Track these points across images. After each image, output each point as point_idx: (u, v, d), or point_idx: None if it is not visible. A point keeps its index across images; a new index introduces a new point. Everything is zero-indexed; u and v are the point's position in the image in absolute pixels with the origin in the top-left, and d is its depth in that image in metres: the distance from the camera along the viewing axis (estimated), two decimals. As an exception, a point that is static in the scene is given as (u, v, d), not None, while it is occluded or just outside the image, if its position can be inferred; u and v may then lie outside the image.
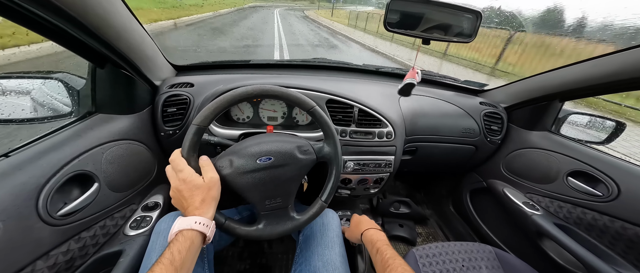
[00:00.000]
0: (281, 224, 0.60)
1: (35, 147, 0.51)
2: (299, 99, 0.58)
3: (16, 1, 0.34)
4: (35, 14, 0.38)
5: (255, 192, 0.56)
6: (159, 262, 0.38)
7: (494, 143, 1.14)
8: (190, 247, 0.43)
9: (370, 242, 0.63)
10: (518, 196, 1.04)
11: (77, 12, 0.40)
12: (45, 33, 0.42)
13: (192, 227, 0.44)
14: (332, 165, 0.64)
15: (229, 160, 0.55)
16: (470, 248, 0.89)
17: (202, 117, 0.51)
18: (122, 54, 0.57)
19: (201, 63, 0.96)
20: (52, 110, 0.63)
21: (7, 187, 0.43)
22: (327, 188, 0.64)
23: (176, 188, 0.49)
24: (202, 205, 0.48)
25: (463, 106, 1.11)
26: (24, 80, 0.60)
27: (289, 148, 0.58)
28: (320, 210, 0.63)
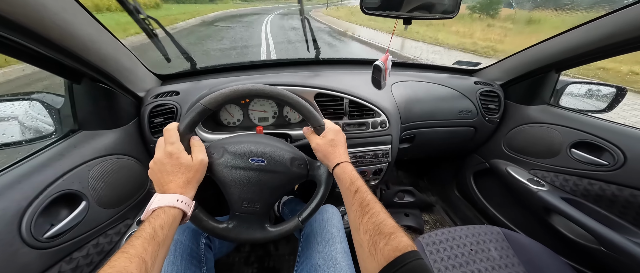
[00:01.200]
0: (250, 231, 0.57)
1: (14, 171, 0.49)
2: (310, 112, 0.57)
3: None
4: None
5: (236, 190, 0.54)
6: (139, 237, 0.36)
7: (492, 122, 1.11)
8: (173, 223, 0.41)
9: (349, 178, 0.50)
10: (522, 173, 1.01)
11: (34, 24, 0.38)
12: (6, 52, 0.40)
13: (174, 204, 0.43)
14: (319, 188, 0.61)
15: (222, 150, 0.54)
16: (478, 231, 0.87)
17: (211, 99, 0.50)
18: (96, 67, 0.55)
19: (186, 70, 0.94)
20: (34, 132, 0.61)
21: None
22: (307, 208, 0.60)
23: (160, 160, 0.46)
24: (185, 186, 0.46)
25: (458, 87, 1.08)
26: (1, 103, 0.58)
27: (283, 157, 0.57)
28: (294, 227, 0.59)
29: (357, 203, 0.45)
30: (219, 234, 0.55)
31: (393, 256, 0.35)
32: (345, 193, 0.49)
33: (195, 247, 0.63)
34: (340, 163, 0.54)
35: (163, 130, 0.49)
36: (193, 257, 0.60)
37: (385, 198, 1.46)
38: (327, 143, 0.57)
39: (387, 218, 0.40)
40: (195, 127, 0.52)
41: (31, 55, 0.43)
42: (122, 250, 0.33)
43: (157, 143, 0.49)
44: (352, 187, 0.48)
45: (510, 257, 0.80)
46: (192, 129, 0.51)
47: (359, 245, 0.41)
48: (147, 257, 0.34)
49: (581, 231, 0.80)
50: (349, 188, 0.48)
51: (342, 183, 0.51)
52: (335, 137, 0.58)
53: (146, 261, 0.33)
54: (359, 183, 0.48)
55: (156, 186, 0.47)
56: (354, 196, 0.46)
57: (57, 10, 0.40)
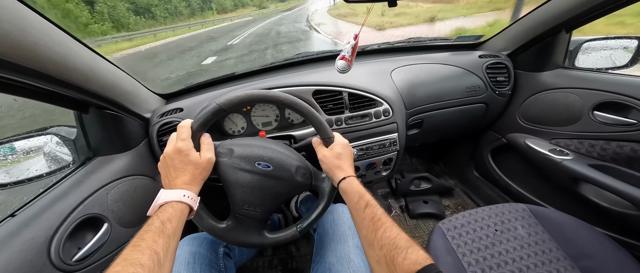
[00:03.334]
0: (247, 235, 0.57)
1: (39, 201, 0.53)
2: (321, 124, 0.58)
3: None
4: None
5: (239, 191, 0.55)
6: (148, 231, 0.37)
7: (504, 95, 1.06)
8: (180, 217, 0.42)
9: (355, 193, 0.49)
10: (542, 145, 0.96)
11: (30, 62, 0.40)
12: (10, 91, 0.43)
13: (181, 199, 0.44)
14: (322, 200, 0.60)
15: (230, 150, 0.55)
16: (501, 210, 0.83)
17: (226, 100, 0.52)
18: (99, 95, 0.58)
19: (188, 86, 0.97)
20: (54, 164, 0.65)
21: (16, 245, 0.44)
22: (307, 219, 0.59)
23: (169, 155, 0.48)
24: (191, 182, 0.47)
25: (461, 64, 1.04)
26: (22, 141, 0.63)
27: (290, 165, 0.57)
28: (291, 237, 0.58)
29: (369, 218, 0.44)
30: (216, 234, 0.55)
31: (413, 269, 0.34)
32: (355, 207, 0.48)
33: (213, 257, 0.64)
34: (346, 178, 0.53)
35: (177, 126, 0.51)
36: (212, 267, 0.61)
37: (400, 187, 1.43)
38: (334, 156, 0.57)
39: (400, 232, 0.40)
40: (208, 126, 0.53)
41: (35, 91, 0.46)
42: (133, 244, 0.34)
43: (170, 138, 0.51)
44: (361, 201, 0.47)
45: (539, 233, 0.76)
46: (204, 128, 0.52)
47: (375, 262, 0.40)
48: (159, 248, 0.35)
49: (614, 197, 0.75)
50: (358, 203, 0.47)
51: (350, 198, 0.50)
52: (342, 151, 0.58)
53: (158, 252, 0.34)
54: (368, 197, 0.47)
55: (163, 180, 0.49)
56: (365, 211, 0.45)
57: (50, 45, 0.43)
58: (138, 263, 0.31)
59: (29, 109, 2.83)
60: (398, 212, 1.43)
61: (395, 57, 1.09)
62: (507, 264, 0.69)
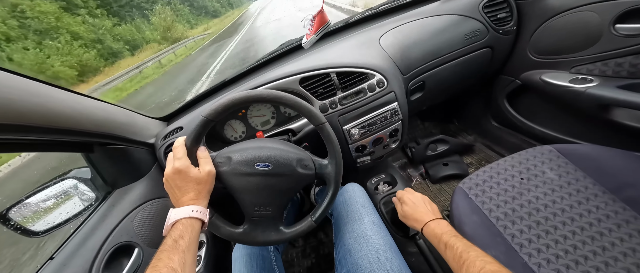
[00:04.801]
0: (265, 234, 0.58)
1: (72, 241, 0.57)
2: (310, 111, 0.56)
3: None
4: None
5: (246, 196, 0.55)
6: (162, 250, 0.39)
7: (509, 33, 0.96)
8: (192, 231, 0.44)
9: (435, 237, 0.55)
10: (561, 77, 0.87)
11: (14, 119, 0.41)
12: (10, 150, 0.46)
13: (190, 215, 0.45)
14: (330, 185, 0.60)
15: (227, 158, 0.56)
16: (525, 156, 0.78)
17: (210, 110, 0.52)
18: (95, 133, 0.60)
19: (183, 105, 0.99)
20: (80, 204, 0.70)
21: None
22: (320, 207, 0.60)
23: (169, 176, 0.49)
24: (197, 198, 0.48)
25: (455, 10, 0.95)
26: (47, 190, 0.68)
27: (289, 159, 0.56)
28: (307, 228, 0.59)
29: (451, 259, 0.47)
30: (236, 239, 0.57)
31: None
32: (438, 250, 0.53)
33: (265, 252, 0.68)
34: (424, 226, 0.59)
35: (172, 147, 0.52)
36: (265, 261, 0.66)
37: (416, 155, 1.39)
38: (409, 210, 0.65)
39: (487, 264, 0.41)
40: (201, 140, 0.53)
41: (31, 144, 0.49)
42: (152, 265, 0.36)
43: (168, 159, 0.52)
44: (441, 245, 0.51)
45: (570, 172, 0.70)
46: (198, 142, 0.53)
47: None
48: (175, 265, 0.36)
49: None
50: (438, 247, 0.53)
51: (432, 243, 0.56)
52: (413, 203, 0.66)
53: (175, 269, 0.36)
54: (446, 239, 0.51)
55: (171, 199, 0.51)
56: (446, 253, 0.49)
57: (26, 97, 0.44)
58: None
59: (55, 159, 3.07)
60: (419, 180, 1.40)
61: (381, 22, 1.02)
62: (539, 211, 0.65)
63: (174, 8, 25.54)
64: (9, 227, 0.63)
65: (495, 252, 0.60)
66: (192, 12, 30.77)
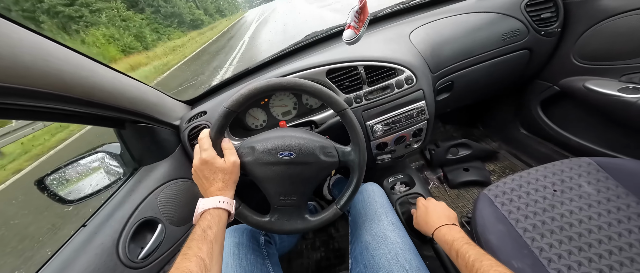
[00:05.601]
0: (291, 222, 0.59)
1: (102, 212, 0.60)
2: (331, 98, 0.56)
3: (10, 102, 0.39)
4: (28, 106, 0.42)
5: (271, 185, 0.56)
6: (192, 239, 0.40)
7: (551, 34, 0.89)
8: (219, 222, 0.45)
9: (446, 243, 0.54)
10: (609, 85, 0.80)
11: (60, 89, 0.44)
12: (53, 119, 0.48)
13: (217, 205, 0.46)
14: (354, 172, 0.59)
15: (251, 148, 0.56)
16: (560, 168, 0.73)
17: (232, 101, 0.53)
18: (129, 110, 0.62)
19: (206, 90, 1.00)
20: (109, 177, 0.74)
21: (91, 249, 0.52)
22: (345, 195, 0.60)
23: (197, 167, 0.51)
24: (224, 188, 0.50)
25: (493, 8, 0.89)
26: (79, 162, 0.72)
27: (312, 147, 0.56)
28: (333, 216, 0.59)
29: (462, 266, 0.47)
30: (263, 227, 0.58)
31: None
32: (449, 256, 0.53)
33: (255, 246, 0.68)
34: (435, 231, 0.59)
35: (198, 139, 0.53)
36: (256, 255, 0.65)
37: (436, 158, 1.35)
38: (423, 215, 0.65)
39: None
40: (224, 131, 0.54)
41: (70, 115, 0.51)
42: (182, 253, 0.37)
43: (194, 150, 0.53)
44: (452, 252, 0.51)
45: (611, 188, 0.65)
46: (221, 133, 0.54)
47: None
48: (203, 254, 0.37)
49: None
50: (450, 253, 0.52)
51: (443, 248, 0.55)
52: (428, 208, 0.66)
53: (203, 259, 0.37)
54: (457, 246, 0.50)
55: (200, 189, 0.52)
56: (457, 261, 0.49)
57: (73, 70, 0.46)
58: (187, 271, 0.34)
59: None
60: (436, 183, 1.36)
61: (412, 17, 0.98)
62: (573, 226, 0.61)
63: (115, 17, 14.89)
64: (45, 193, 0.67)
65: (521, 265, 0.57)
66: (158, 20, 19.48)
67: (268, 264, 0.64)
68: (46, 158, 4.81)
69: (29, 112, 0.44)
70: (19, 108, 0.42)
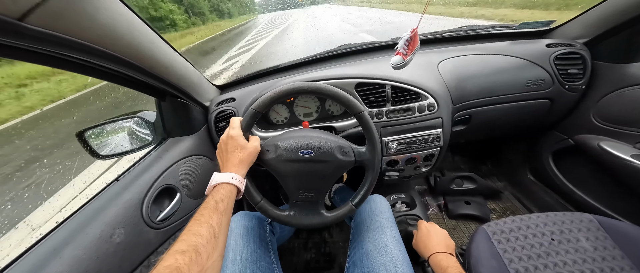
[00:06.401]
0: (309, 217, 0.62)
1: (133, 171, 0.66)
2: (349, 100, 0.60)
3: (79, 58, 0.44)
4: (97, 65, 0.48)
5: (291, 181, 0.60)
6: (205, 208, 0.44)
7: (575, 90, 0.92)
8: (230, 197, 0.49)
9: (440, 268, 0.58)
10: (623, 149, 0.82)
11: (130, 56, 0.50)
12: (112, 79, 0.54)
13: (229, 181, 0.50)
14: (368, 171, 0.63)
15: (274, 146, 0.61)
16: (561, 219, 0.75)
17: (259, 103, 0.58)
18: (175, 85, 0.68)
19: (238, 78, 1.07)
20: (140, 141, 0.80)
21: (121, 202, 0.57)
22: (359, 193, 0.63)
23: (223, 140, 0.56)
24: (239, 165, 0.54)
25: (522, 54, 0.93)
26: (117, 122, 0.78)
27: (330, 147, 0.60)
28: (348, 212, 0.63)
29: None
30: (283, 221, 0.62)
31: None
32: None
33: (262, 231, 0.72)
34: (431, 256, 0.63)
35: (230, 119, 0.59)
36: (261, 239, 0.69)
37: (439, 186, 1.37)
38: (422, 237, 0.70)
39: None
40: (251, 128, 0.60)
41: (129, 81, 0.57)
42: (195, 218, 0.42)
43: (226, 129, 0.59)
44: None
45: (608, 248, 0.67)
46: (249, 130, 0.59)
47: None
48: (214, 223, 0.41)
49: None
50: None
51: (436, 270, 0.60)
52: (429, 232, 0.70)
53: (213, 226, 0.41)
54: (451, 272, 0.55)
55: (219, 163, 0.57)
56: None
57: (147, 44, 0.52)
58: (198, 234, 0.38)
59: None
60: (436, 210, 1.38)
61: (443, 48, 1.02)
62: None
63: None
64: (82, 144, 0.73)
65: None
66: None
67: (270, 250, 0.69)
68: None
69: (104, 72, 0.50)
70: (99, 68, 0.48)
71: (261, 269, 0.62)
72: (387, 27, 8.27)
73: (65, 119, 4.26)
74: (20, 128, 3.98)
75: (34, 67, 5.18)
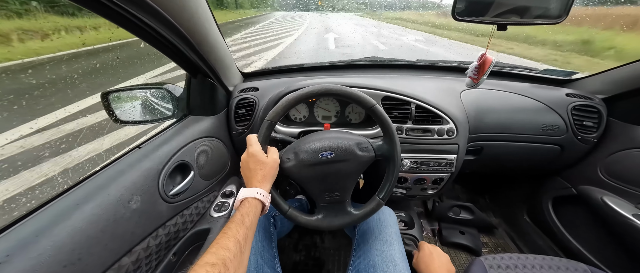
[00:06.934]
0: (339, 217, 0.63)
1: (154, 141, 0.66)
2: (359, 97, 0.60)
3: (144, 20, 0.45)
4: (156, 31, 0.48)
5: (315, 184, 0.61)
6: (233, 222, 0.45)
7: (587, 142, 0.95)
8: (255, 211, 0.50)
9: None
10: (625, 207, 0.84)
11: (187, 29, 0.51)
12: (161, 48, 0.55)
13: (255, 196, 0.51)
14: (389, 164, 0.64)
15: (293, 154, 0.61)
16: (557, 264, 0.77)
17: (273, 114, 0.59)
18: (211, 65, 0.69)
19: (263, 69, 1.08)
20: (161, 113, 0.80)
21: (141, 170, 0.57)
22: (384, 186, 0.64)
23: (245, 159, 0.57)
24: (263, 180, 0.55)
25: (543, 99, 0.96)
26: (142, 90, 0.78)
27: (348, 145, 0.61)
28: (377, 207, 0.63)
29: None
30: (313, 226, 0.62)
31: None
32: None
33: (267, 223, 0.73)
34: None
35: (247, 138, 0.59)
36: (266, 231, 0.70)
37: (438, 211, 1.38)
38: (426, 257, 0.71)
39: None
40: (268, 139, 0.60)
41: (175, 52, 0.58)
42: (223, 232, 0.43)
43: (247, 149, 0.59)
44: None
45: None
46: (266, 142, 0.60)
47: None
48: (240, 237, 0.42)
49: None
50: None
51: None
52: (433, 251, 0.72)
53: (239, 241, 0.42)
54: None
55: (245, 181, 0.58)
56: None
57: (202, 21, 0.53)
58: (227, 248, 0.39)
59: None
60: (429, 235, 1.39)
61: None
62: None
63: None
64: (104, 104, 0.73)
65: None
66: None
67: (273, 243, 0.69)
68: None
69: (156, 39, 0.51)
70: (154, 34, 0.49)
71: (264, 260, 0.62)
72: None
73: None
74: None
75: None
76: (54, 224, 0.40)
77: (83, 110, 2.84)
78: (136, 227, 0.52)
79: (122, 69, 4.17)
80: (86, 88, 3.34)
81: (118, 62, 4.43)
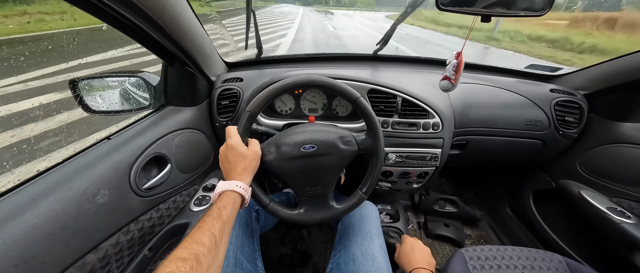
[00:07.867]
0: (320, 211, 0.62)
1: (126, 132, 0.62)
2: (344, 89, 0.58)
3: (105, 2, 0.41)
4: (121, 14, 0.45)
5: (297, 178, 0.59)
6: (209, 215, 0.43)
7: (568, 137, 0.97)
8: (233, 205, 0.48)
9: None
10: (600, 200, 0.87)
11: (155, 13, 0.47)
12: (130, 33, 0.51)
13: (234, 189, 0.49)
14: (373, 158, 0.63)
15: (275, 146, 0.59)
16: (534, 255, 0.79)
17: (254, 105, 0.56)
18: (188, 53, 0.65)
19: (248, 59, 1.04)
20: (137, 103, 0.76)
21: (110, 162, 0.54)
22: (367, 181, 0.63)
23: (223, 151, 0.55)
24: (243, 173, 0.53)
25: (527, 94, 0.97)
26: (116, 78, 0.74)
27: (331, 138, 0.59)
28: (358, 201, 0.63)
29: None
30: (295, 220, 0.61)
31: None
32: None
33: (249, 217, 0.71)
34: (412, 270, 0.64)
35: (225, 129, 0.57)
36: (247, 225, 0.68)
37: (424, 204, 1.40)
38: (408, 249, 0.71)
39: None
40: (249, 131, 0.58)
41: (145, 37, 0.54)
42: (198, 226, 0.41)
43: (226, 140, 0.56)
44: None
45: None
46: (247, 134, 0.57)
47: None
48: (216, 231, 0.40)
49: None
50: None
51: None
52: (414, 245, 0.72)
53: (215, 235, 0.40)
54: None
55: (223, 173, 0.55)
56: None
57: (173, 3, 0.49)
58: (200, 242, 0.37)
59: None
60: (415, 227, 1.41)
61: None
62: None
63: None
64: (73, 93, 0.68)
65: None
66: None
67: (254, 237, 0.67)
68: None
69: (122, 23, 0.47)
70: (119, 17, 0.45)
71: (244, 255, 0.61)
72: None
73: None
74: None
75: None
76: (5, 221, 0.37)
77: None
78: (103, 223, 0.49)
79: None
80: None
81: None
